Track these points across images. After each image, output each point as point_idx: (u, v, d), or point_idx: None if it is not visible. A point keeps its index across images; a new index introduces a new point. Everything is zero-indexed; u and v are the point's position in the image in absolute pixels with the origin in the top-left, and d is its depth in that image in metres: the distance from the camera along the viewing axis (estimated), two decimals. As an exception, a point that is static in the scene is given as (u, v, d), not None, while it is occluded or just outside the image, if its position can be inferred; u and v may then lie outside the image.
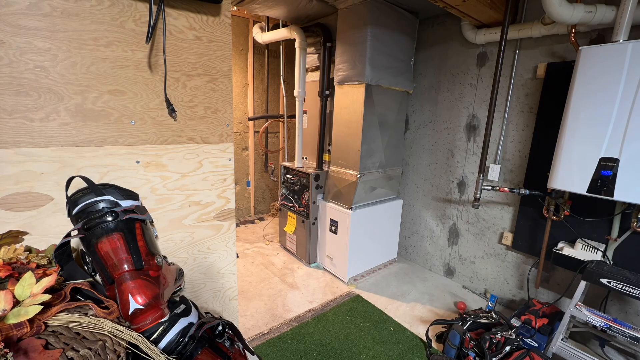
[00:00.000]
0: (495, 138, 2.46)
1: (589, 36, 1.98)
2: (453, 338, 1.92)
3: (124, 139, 1.06)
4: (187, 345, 0.76)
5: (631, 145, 1.60)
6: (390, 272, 3.08)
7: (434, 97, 2.86)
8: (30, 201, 0.93)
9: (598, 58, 1.68)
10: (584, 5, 1.78)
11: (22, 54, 0.87)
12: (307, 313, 2.37)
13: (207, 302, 1.39)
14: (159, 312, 0.74)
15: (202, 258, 1.33)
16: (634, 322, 1.97)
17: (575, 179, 1.79)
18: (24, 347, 0.51)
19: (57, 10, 0.89)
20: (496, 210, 2.55)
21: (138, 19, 1.02)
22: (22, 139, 0.90)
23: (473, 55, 2.56)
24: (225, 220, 1.36)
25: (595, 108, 1.69)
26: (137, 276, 0.73)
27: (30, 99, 0.89)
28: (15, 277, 0.61)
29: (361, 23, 2.41)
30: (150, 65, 1.07)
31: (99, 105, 1.00)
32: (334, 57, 2.71)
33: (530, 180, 2.30)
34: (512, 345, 1.81)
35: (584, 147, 1.75)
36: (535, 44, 2.20)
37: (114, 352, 0.59)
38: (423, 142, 3.00)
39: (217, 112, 1.26)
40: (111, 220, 0.76)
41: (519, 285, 2.49)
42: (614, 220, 1.94)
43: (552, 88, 2.12)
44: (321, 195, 2.98)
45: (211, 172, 1.28)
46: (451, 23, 2.64)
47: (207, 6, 1.15)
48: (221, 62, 1.23)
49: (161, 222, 1.18)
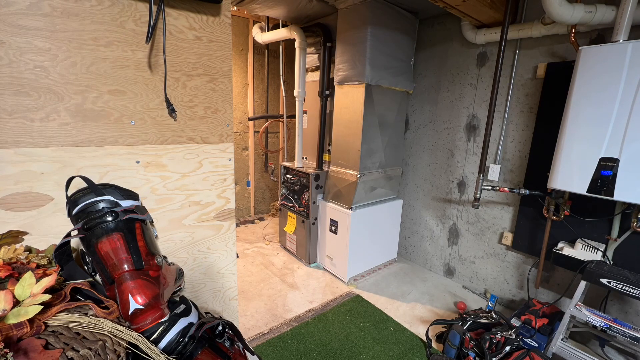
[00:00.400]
0: (495, 138, 2.46)
1: (589, 36, 1.98)
2: (453, 338, 1.92)
3: (124, 139, 1.06)
4: (187, 345, 0.76)
5: (631, 145, 1.60)
6: (390, 272, 3.08)
7: (434, 97, 2.86)
8: (30, 201, 0.93)
9: (598, 58, 1.68)
10: (584, 5, 1.78)
11: (22, 54, 0.87)
12: (307, 313, 2.37)
13: (207, 302, 1.39)
14: (159, 312, 0.74)
15: (202, 258, 1.33)
16: (634, 322, 1.97)
17: (575, 179, 1.79)
18: (24, 347, 0.51)
19: (57, 10, 0.89)
20: (496, 210, 2.55)
21: (138, 19, 1.02)
22: (22, 139, 0.90)
23: (473, 55, 2.56)
24: (225, 220, 1.36)
25: (596, 108, 1.69)
26: (137, 276, 0.73)
27: (30, 99, 0.89)
28: (15, 277, 0.61)
29: (361, 23, 2.41)
30: (150, 65, 1.07)
31: (99, 105, 1.00)
32: (334, 57, 2.71)
33: (530, 180, 2.30)
34: (512, 345, 1.81)
35: (584, 147, 1.75)
36: (535, 44, 2.20)
37: (114, 352, 0.59)
38: (423, 142, 3.00)
39: (217, 112, 1.26)
40: (111, 220, 0.76)
41: (519, 285, 2.49)
42: (614, 220, 1.94)
43: (552, 88, 2.12)
44: (321, 195, 2.98)
45: (211, 172, 1.28)
46: (451, 23, 2.64)
47: (207, 6, 1.15)
48: (221, 62, 1.23)
49: (161, 222, 1.18)
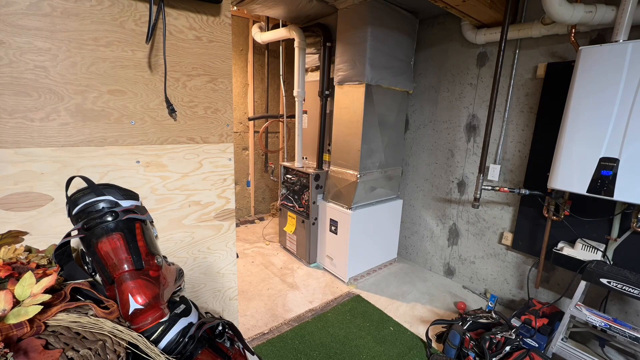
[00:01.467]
0: (495, 138, 2.46)
1: (589, 36, 1.98)
2: (453, 338, 1.92)
3: (124, 139, 1.06)
4: (187, 345, 0.76)
5: (631, 145, 1.60)
6: (390, 272, 3.08)
7: (434, 97, 2.86)
8: (30, 201, 0.93)
9: (598, 58, 1.68)
10: (584, 5, 1.78)
11: (22, 54, 0.87)
12: (307, 313, 2.37)
13: (207, 302, 1.39)
14: (159, 312, 0.74)
15: (202, 258, 1.33)
16: (634, 322, 1.97)
17: (575, 179, 1.79)
18: (24, 347, 0.51)
19: (57, 10, 0.89)
20: (496, 210, 2.55)
21: (138, 19, 1.02)
22: (22, 139, 0.90)
23: (473, 55, 2.56)
24: (225, 220, 1.36)
25: (596, 108, 1.69)
26: (137, 276, 0.73)
27: (30, 99, 0.89)
28: (15, 277, 0.61)
29: (361, 23, 2.41)
30: (150, 65, 1.07)
31: (99, 105, 1.00)
32: (334, 57, 2.71)
33: (530, 180, 2.30)
34: (512, 346, 1.81)
35: (584, 147, 1.75)
36: (535, 44, 2.20)
37: (114, 352, 0.59)
38: (423, 142, 3.00)
39: (217, 112, 1.26)
40: (111, 220, 0.76)
41: (519, 285, 2.49)
42: (614, 220, 1.94)
43: (552, 88, 2.12)
44: (321, 195, 2.98)
45: (211, 172, 1.28)
46: (451, 23, 2.64)
47: (207, 6, 1.15)
48: (221, 62, 1.23)
49: (161, 222, 1.18)
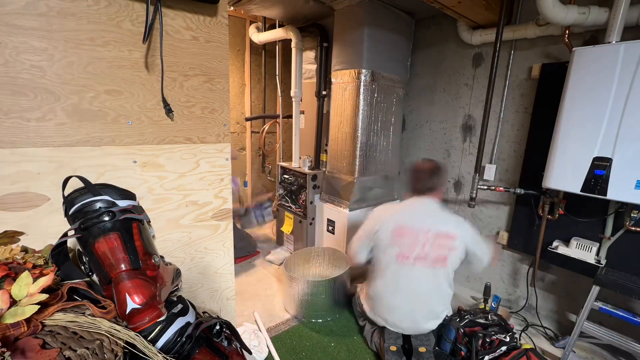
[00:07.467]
0: (491, 138, 2.48)
1: (583, 37, 2.00)
2: (449, 333, 1.94)
3: (120, 139, 1.06)
4: (185, 344, 0.76)
5: (624, 145, 1.62)
6: (387, 272, 3.08)
7: (430, 97, 2.87)
8: (26, 201, 0.93)
9: (591, 59, 1.69)
10: (578, 7, 1.80)
11: (19, 54, 0.87)
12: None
13: (205, 302, 1.39)
14: (157, 312, 0.74)
15: (199, 258, 1.33)
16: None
17: (569, 178, 1.81)
18: (21, 347, 0.52)
19: (53, 10, 0.89)
20: (492, 210, 2.57)
21: (135, 19, 1.02)
22: (19, 139, 0.90)
23: (469, 56, 2.58)
24: (222, 220, 1.36)
25: (589, 108, 1.71)
26: (134, 276, 0.73)
27: (27, 98, 0.89)
28: (12, 277, 0.61)
29: (358, 24, 2.42)
30: (147, 65, 1.07)
31: (95, 105, 1.00)
32: (331, 58, 2.71)
33: (526, 179, 2.32)
34: (508, 346, 1.82)
35: (577, 146, 1.76)
36: (530, 45, 2.22)
37: (111, 351, 0.59)
38: (420, 142, 3.01)
39: (214, 112, 1.26)
40: (108, 220, 0.75)
41: (515, 283, 2.51)
42: (608, 219, 1.96)
43: (547, 88, 2.14)
44: (318, 195, 2.98)
45: (208, 172, 1.28)
46: (447, 24, 2.66)
47: (204, 6, 1.15)
48: (218, 62, 1.23)
49: (158, 222, 1.18)
